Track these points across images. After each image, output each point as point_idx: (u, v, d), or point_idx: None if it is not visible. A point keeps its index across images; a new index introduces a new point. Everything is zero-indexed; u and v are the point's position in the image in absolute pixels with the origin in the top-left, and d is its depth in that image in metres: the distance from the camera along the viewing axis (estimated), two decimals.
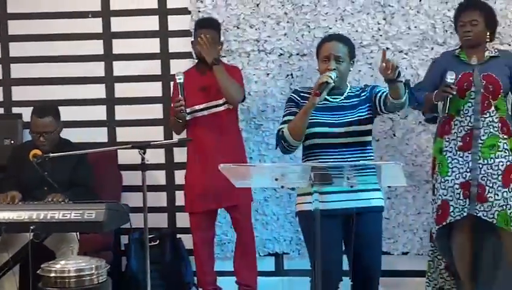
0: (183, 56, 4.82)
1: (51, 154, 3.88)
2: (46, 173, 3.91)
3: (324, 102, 3.41)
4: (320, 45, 3.56)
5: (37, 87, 4.99)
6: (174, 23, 4.89)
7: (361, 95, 3.48)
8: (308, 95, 3.40)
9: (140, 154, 3.63)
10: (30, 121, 4.34)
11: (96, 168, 4.45)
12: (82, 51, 4.97)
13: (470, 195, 3.94)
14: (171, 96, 4.51)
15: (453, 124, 4.01)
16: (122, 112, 4.99)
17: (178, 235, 4.81)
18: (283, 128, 3.41)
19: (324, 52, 3.48)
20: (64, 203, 3.84)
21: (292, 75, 4.71)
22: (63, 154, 3.97)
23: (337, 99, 3.47)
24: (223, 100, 4.34)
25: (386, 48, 4.48)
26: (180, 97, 4.18)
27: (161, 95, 4.93)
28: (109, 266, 3.51)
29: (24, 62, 5.02)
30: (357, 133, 3.40)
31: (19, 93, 5.02)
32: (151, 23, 4.92)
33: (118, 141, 4.96)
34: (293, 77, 4.70)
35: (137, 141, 3.90)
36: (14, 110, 5.01)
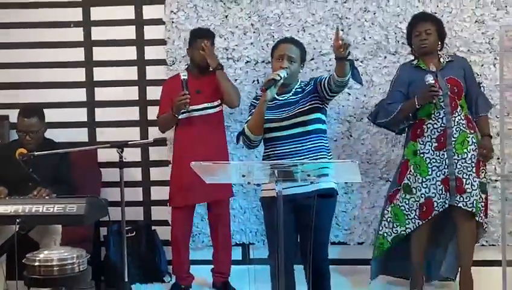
0: (158, 63, 4.99)
1: (36, 153, 3.93)
2: (30, 170, 3.92)
3: (275, 100, 3.62)
4: (276, 46, 3.73)
5: (23, 90, 5.09)
6: (150, 32, 5.03)
7: (306, 89, 3.65)
8: None
9: (118, 153, 3.71)
10: (17, 121, 4.36)
11: (77, 166, 4.48)
12: (65, 57, 5.08)
13: (449, 189, 4.09)
14: (169, 97, 4.49)
15: (426, 127, 4.14)
16: (101, 114, 5.11)
17: (153, 227, 4.92)
18: (245, 126, 3.65)
19: (279, 51, 3.66)
20: (48, 197, 3.88)
21: (258, 80, 4.85)
22: (47, 152, 4.01)
23: (286, 96, 3.66)
24: (217, 102, 4.48)
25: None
26: (185, 91, 4.24)
27: (137, 99, 5.07)
28: (89, 256, 3.54)
29: (11, 68, 5.12)
30: (301, 124, 3.56)
31: (6, 97, 5.10)
32: (129, 32, 5.05)
33: (97, 141, 5.08)
34: (258, 83, 4.82)
35: (116, 140, 4.00)
36: (1, 112, 5.07)
